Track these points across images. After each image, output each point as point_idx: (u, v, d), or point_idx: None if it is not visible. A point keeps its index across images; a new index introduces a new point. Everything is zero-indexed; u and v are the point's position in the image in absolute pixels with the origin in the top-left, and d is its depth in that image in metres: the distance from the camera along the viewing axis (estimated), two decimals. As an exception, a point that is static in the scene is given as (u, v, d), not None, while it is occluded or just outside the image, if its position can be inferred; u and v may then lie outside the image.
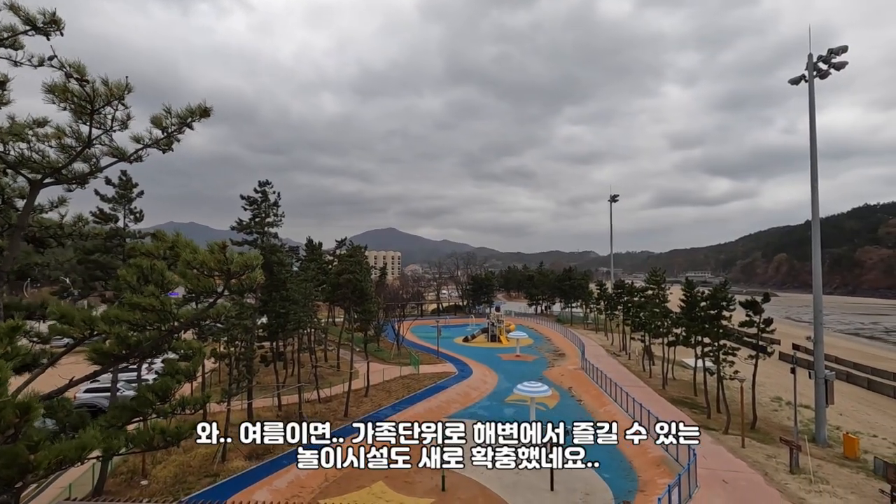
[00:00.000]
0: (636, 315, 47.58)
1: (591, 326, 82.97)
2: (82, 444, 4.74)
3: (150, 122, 5.52)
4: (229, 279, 4.96)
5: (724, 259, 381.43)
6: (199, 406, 6.22)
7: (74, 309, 5.29)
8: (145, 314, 5.05)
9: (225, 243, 4.91)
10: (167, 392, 5.58)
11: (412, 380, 42.55)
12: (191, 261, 4.77)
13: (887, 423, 37.76)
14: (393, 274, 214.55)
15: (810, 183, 30.41)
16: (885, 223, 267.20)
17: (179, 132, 5.65)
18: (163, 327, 5.35)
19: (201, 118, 5.67)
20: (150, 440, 5.41)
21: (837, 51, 28.69)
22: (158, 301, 5.02)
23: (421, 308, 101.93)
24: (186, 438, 6.09)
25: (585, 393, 39.70)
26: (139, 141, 5.52)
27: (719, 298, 31.91)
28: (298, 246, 61.02)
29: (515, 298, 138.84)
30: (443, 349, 57.35)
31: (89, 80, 4.77)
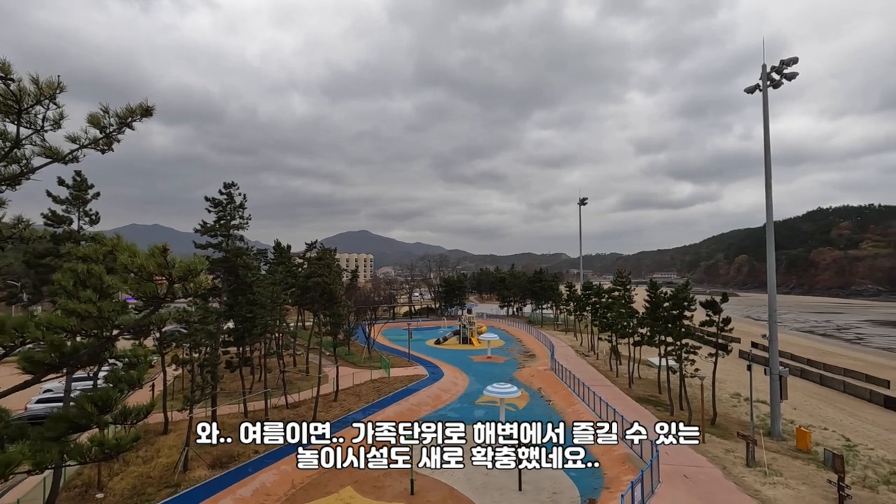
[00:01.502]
0: (604, 316, 48.57)
1: (561, 327, 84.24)
2: (7, 458, 4.50)
3: (86, 121, 5.31)
4: (172, 284, 4.81)
5: (689, 260, 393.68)
6: (143, 415, 6.00)
7: (6, 315, 5.04)
8: (82, 321, 4.85)
9: (166, 246, 4.76)
10: (108, 402, 5.36)
11: (383, 383, 42.26)
12: (128, 264, 4.61)
13: (837, 416, 39.65)
14: (365, 277, 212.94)
15: (765, 188, 31.71)
16: (836, 226, 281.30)
17: (119, 132, 5.46)
18: (101, 334, 5.15)
19: (143, 117, 5.49)
20: (86, 453, 5.17)
21: (789, 62, 30.05)
22: (95, 307, 4.82)
23: (393, 311, 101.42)
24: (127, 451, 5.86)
25: (555, 393, 40.23)
26: (75, 141, 5.30)
27: (681, 299, 32.93)
28: (267, 249, 59.90)
29: (488, 300, 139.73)
30: (414, 352, 57.17)
31: (14, 79, 4.57)
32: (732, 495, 21.02)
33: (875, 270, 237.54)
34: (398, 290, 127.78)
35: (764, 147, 31.53)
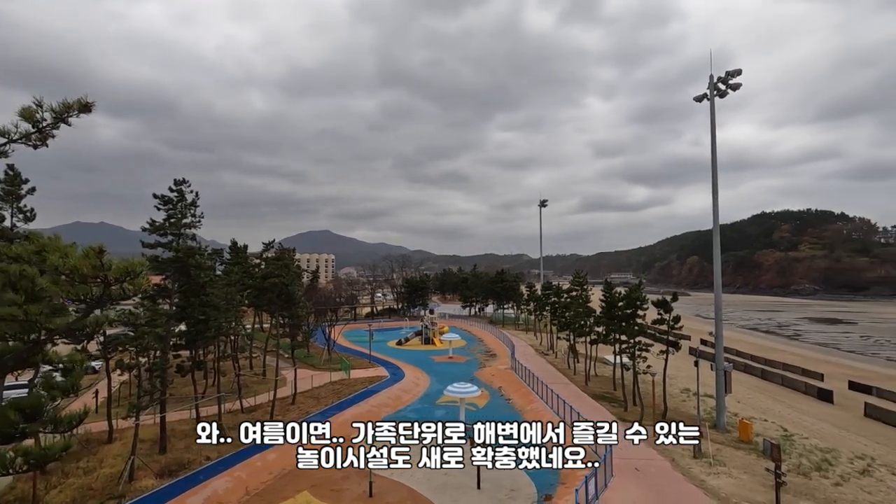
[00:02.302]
0: (562, 315, 49.74)
1: (522, 327, 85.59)
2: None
3: (18, 114, 5.01)
4: (108, 287, 4.59)
5: (645, 261, 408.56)
6: (76, 423, 5.70)
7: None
8: (6, 324, 4.57)
9: (102, 247, 4.55)
10: (38, 409, 5.06)
11: (343, 385, 41.71)
12: (59, 266, 4.37)
13: (777, 408, 42.12)
14: (326, 277, 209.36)
15: (712, 193, 33.33)
16: (778, 229, 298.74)
17: (55, 127, 5.18)
18: (28, 338, 4.86)
19: (80, 113, 5.23)
20: (8, 464, 4.86)
21: (734, 73, 31.71)
22: (21, 310, 4.55)
23: (354, 312, 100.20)
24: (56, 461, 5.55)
25: (514, 392, 40.86)
26: (4, 135, 4.99)
27: (634, 298, 34.16)
28: (224, 248, 57.97)
29: (450, 301, 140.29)
30: (375, 353, 56.71)
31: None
32: (680, 486, 22.00)
33: (812, 271, 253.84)
34: (360, 291, 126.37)
35: (711, 153, 33.14)
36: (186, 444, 27.12)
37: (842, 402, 45.36)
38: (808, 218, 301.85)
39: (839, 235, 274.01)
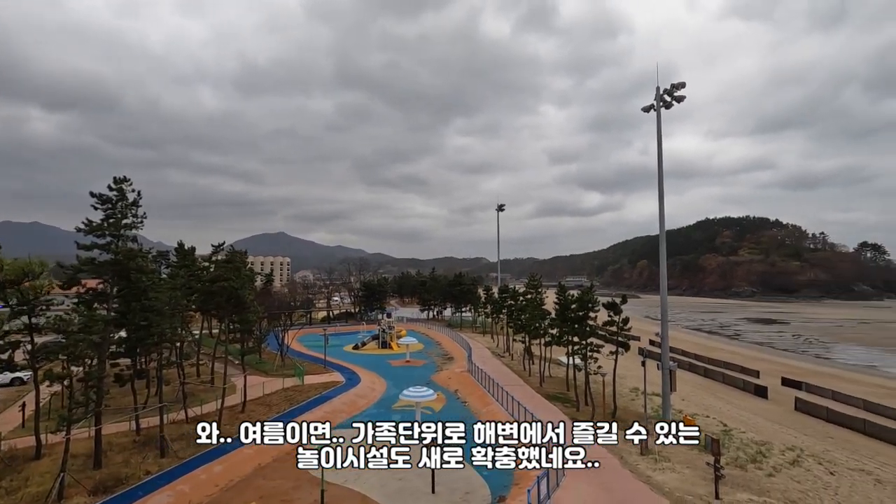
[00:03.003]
0: (518, 318, 50.50)
1: (480, 330, 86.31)
2: None
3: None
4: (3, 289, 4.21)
5: (598, 264, 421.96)
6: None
7: None
8: None
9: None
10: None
11: (296, 392, 40.63)
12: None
13: (718, 404, 44.34)
14: (281, 280, 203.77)
15: (658, 199, 34.81)
16: (720, 234, 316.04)
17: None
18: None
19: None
20: None
21: (678, 86, 33.31)
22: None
23: (310, 316, 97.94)
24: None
25: (470, 394, 41.08)
26: None
27: (586, 301, 35.15)
28: (169, 251, 55.28)
29: (409, 304, 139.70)
30: (331, 358, 55.63)
31: None
32: (628, 483, 22.74)
33: (750, 274, 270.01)
34: (317, 295, 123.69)
35: (657, 161, 34.63)
36: (125, 457, 25.61)
37: (775, 397, 48.29)
38: (746, 224, 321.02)
39: (774, 241, 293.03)
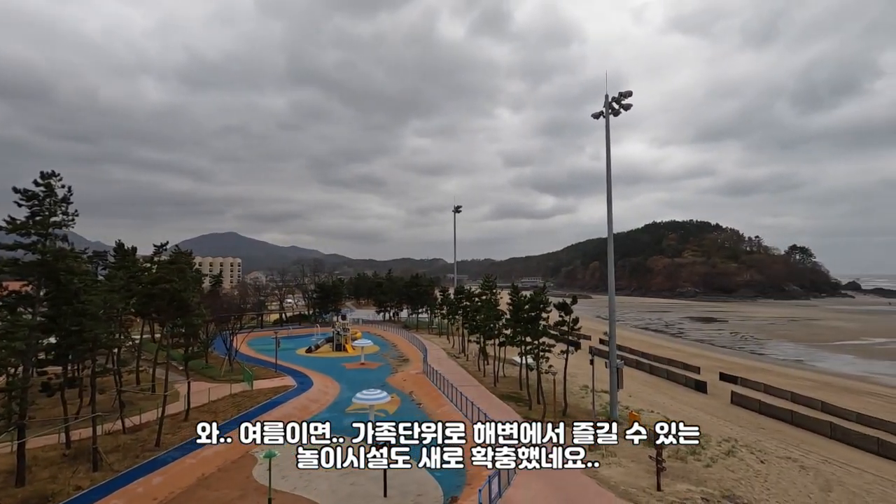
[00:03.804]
0: (473, 318, 50.94)
1: (436, 331, 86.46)
2: None
3: None
4: None
5: (553, 266, 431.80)
6: None
7: None
8: None
9: None
10: None
11: (244, 397, 39.22)
12: None
13: (662, 399, 46.44)
14: (231, 282, 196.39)
15: (607, 203, 36.07)
16: (666, 237, 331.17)
17: None
18: None
19: None
20: None
21: (625, 94, 34.65)
22: None
23: (261, 319, 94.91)
24: None
25: (425, 396, 41.04)
26: None
27: (537, 301, 35.92)
28: (107, 251, 52.12)
29: (365, 306, 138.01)
30: (282, 362, 54.06)
31: None
32: (576, 478, 23.35)
33: (694, 275, 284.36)
34: (269, 297, 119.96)
35: (606, 166, 35.87)
36: (52, 472, 23.88)
37: (714, 391, 51.13)
38: (690, 228, 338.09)
39: (714, 244, 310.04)
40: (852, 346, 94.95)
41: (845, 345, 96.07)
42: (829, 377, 64.09)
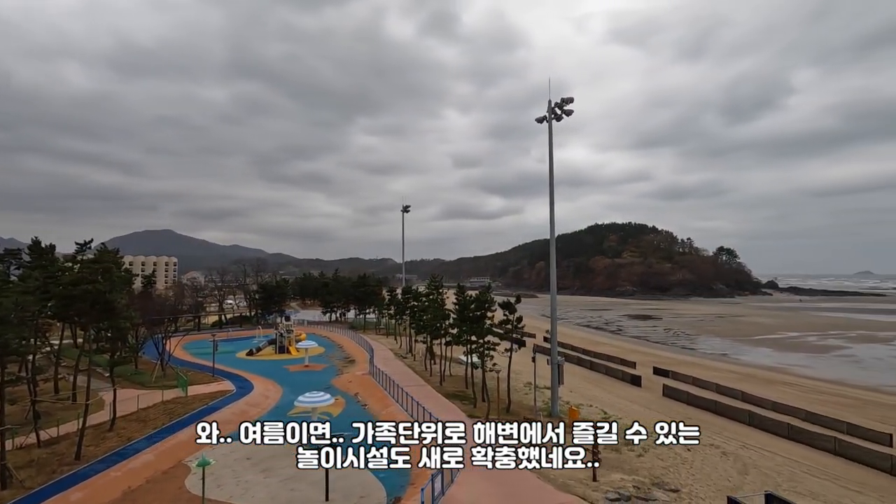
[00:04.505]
0: (420, 318, 51.01)
1: (383, 331, 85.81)
2: None
3: None
4: None
5: (501, 266, 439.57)
6: None
7: None
8: None
9: None
10: None
11: (178, 404, 37.25)
12: None
13: (600, 394, 48.47)
14: (166, 282, 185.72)
15: (549, 204, 37.25)
16: (607, 238, 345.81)
17: None
18: None
19: None
20: None
21: (567, 100, 35.92)
22: None
23: (198, 321, 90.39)
24: None
25: (371, 397, 40.65)
26: None
27: (482, 301, 36.51)
28: (21, 249, 47.73)
29: (311, 306, 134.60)
30: (221, 365, 51.83)
31: None
32: (518, 473, 23.84)
33: (632, 275, 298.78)
34: (208, 298, 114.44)
35: (549, 169, 37.02)
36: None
37: (648, 385, 53.99)
38: (629, 230, 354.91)
39: (651, 245, 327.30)
40: (770, 340, 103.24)
41: (764, 339, 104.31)
42: (750, 369, 69.35)
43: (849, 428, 36.84)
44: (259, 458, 27.53)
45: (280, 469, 25.86)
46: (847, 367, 73.04)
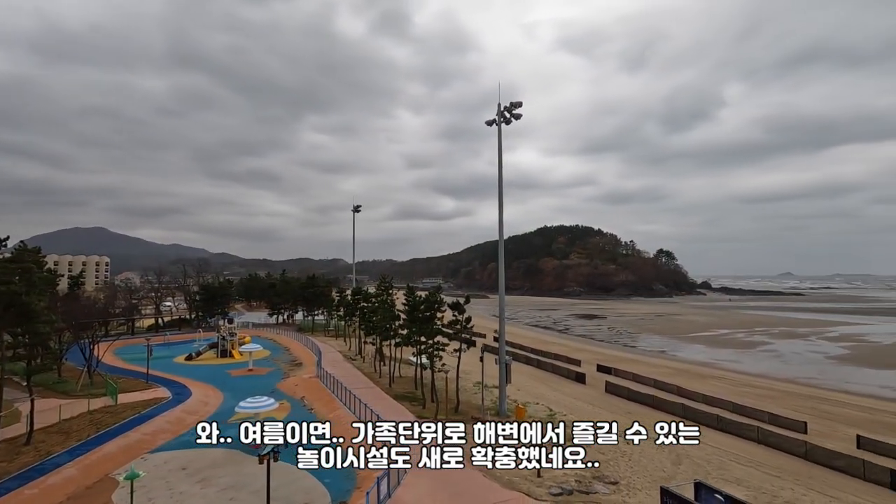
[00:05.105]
0: (370, 319, 50.39)
1: (332, 333, 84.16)
2: None
3: None
4: None
5: (453, 267, 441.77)
6: None
7: None
8: None
9: None
10: None
11: (106, 413, 34.80)
12: None
13: (547, 392, 49.73)
14: (96, 283, 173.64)
15: (498, 205, 37.87)
16: (556, 240, 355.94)
17: None
18: None
19: None
20: None
21: (516, 104, 36.63)
22: None
23: (132, 324, 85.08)
24: None
25: (317, 400, 39.74)
26: None
27: (432, 302, 36.57)
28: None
29: (257, 308, 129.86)
30: (156, 371, 49.01)
31: None
32: (464, 472, 24.04)
33: (579, 276, 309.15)
34: (144, 300, 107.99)
35: (498, 171, 37.62)
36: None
37: (592, 382, 55.93)
38: (576, 232, 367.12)
39: (597, 247, 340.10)
40: (703, 337, 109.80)
41: (698, 336, 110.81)
42: (685, 365, 73.46)
43: (770, 417, 39.75)
44: (196, 468, 26.28)
45: (219, 478, 24.78)
46: (770, 361, 78.90)
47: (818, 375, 66.33)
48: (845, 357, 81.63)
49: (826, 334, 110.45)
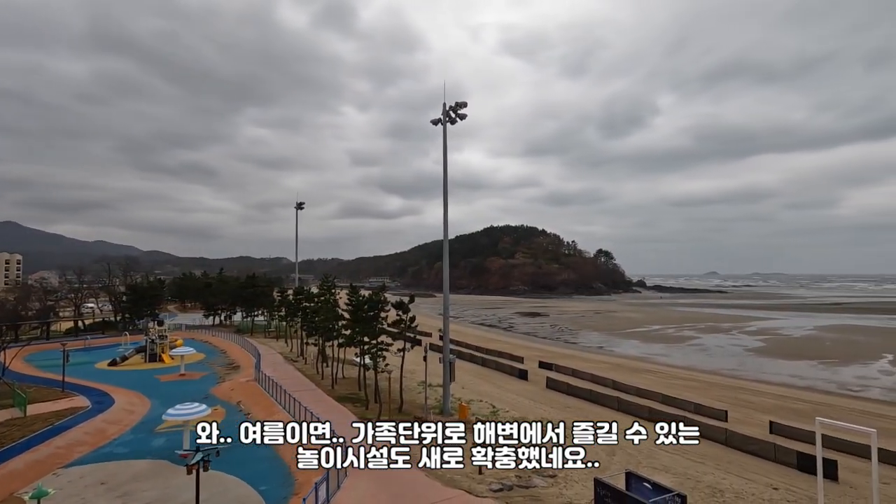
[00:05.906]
0: (312, 320, 49.03)
1: (273, 334, 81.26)
2: None
3: None
4: None
5: (400, 266, 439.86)
6: None
7: None
8: None
9: None
10: None
11: (13, 426, 31.60)
12: None
13: (490, 389, 50.48)
14: (6, 283, 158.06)
15: (443, 204, 37.95)
16: (501, 240, 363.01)
17: None
18: None
19: None
20: None
21: (461, 105, 36.83)
22: None
23: (47, 328, 78.10)
24: None
25: (255, 405, 38.16)
26: None
27: (376, 301, 36.10)
28: None
29: (191, 309, 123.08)
30: (75, 379, 45.18)
31: None
32: (405, 473, 23.90)
33: (524, 275, 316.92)
34: (61, 301, 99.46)
35: (443, 170, 37.70)
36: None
37: (534, 378, 57.44)
38: (521, 232, 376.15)
39: (541, 247, 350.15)
40: (638, 332, 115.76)
41: (633, 332, 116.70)
42: (621, 359, 77.12)
43: (695, 407, 42.51)
44: (117, 483, 24.44)
45: (142, 492, 23.17)
46: (696, 354, 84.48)
47: (738, 367, 71.82)
48: (762, 349, 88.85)
49: (746, 328, 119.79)
